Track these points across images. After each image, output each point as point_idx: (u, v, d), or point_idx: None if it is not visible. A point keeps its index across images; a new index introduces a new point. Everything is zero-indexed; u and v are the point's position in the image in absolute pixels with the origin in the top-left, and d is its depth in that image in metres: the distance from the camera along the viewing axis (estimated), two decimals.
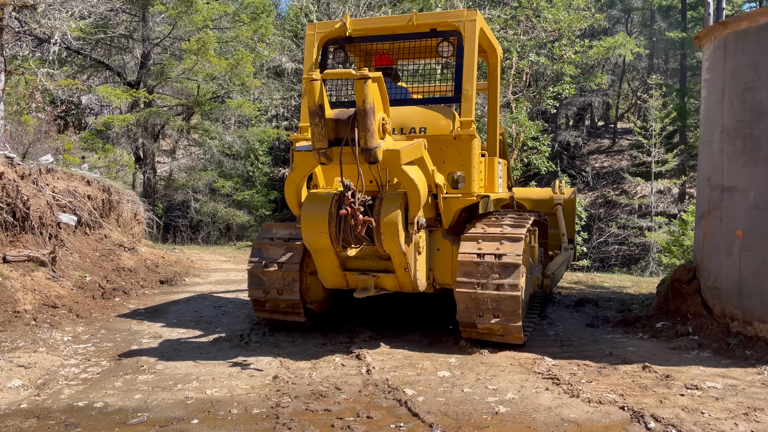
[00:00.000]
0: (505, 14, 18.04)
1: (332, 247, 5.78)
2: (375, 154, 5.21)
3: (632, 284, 12.10)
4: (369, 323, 7.52)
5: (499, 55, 7.74)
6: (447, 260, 6.59)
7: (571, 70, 18.94)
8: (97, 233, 10.52)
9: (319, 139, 5.24)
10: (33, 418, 4.53)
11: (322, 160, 5.33)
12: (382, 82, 5.26)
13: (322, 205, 5.73)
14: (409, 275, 5.97)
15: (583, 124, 38.49)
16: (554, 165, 22.77)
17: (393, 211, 5.57)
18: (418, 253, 6.11)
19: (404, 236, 5.66)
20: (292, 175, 5.84)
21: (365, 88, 5.01)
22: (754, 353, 6.10)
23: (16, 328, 6.94)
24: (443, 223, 6.54)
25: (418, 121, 6.49)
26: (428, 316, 7.99)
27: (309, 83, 5.10)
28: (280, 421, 4.42)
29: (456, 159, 6.43)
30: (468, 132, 6.36)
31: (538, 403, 4.85)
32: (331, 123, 5.24)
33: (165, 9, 18.17)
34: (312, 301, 7.01)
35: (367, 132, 5.11)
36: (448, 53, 6.70)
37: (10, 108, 13.33)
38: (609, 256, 26.19)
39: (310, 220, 5.74)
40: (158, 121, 19.48)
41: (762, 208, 6.36)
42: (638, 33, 38.25)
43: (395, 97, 6.70)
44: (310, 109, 5.16)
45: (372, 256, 6.25)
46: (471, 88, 6.38)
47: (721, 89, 6.94)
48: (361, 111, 5.08)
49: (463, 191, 6.40)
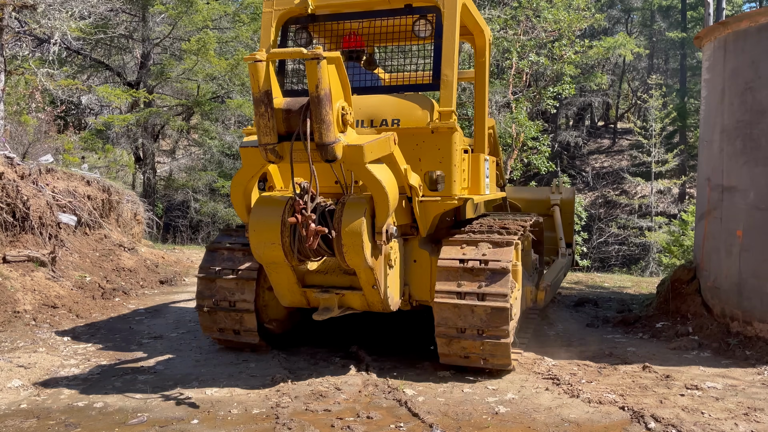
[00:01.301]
0: (505, 14, 18.03)
1: (286, 260, 4.97)
2: (332, 150, 4.40)
3: (632, 284, 12.10)
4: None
5: (487, 37, 6.74)
6: (425, 273, 5.68)
7: (571, 70, 18.92)
8: (97, 233, 10.52)
9: (265, 132, 4.47)
10: (33, 418, 4.53)
11: (271, 157, 4.56)
12: (341, 63, 4.47)
13: (274, 210, 4.90)
14: (379, 293, 5.12)
15: (583, 124, 38.49)
16: (554, 165, 22.75)
17: (356, 218, 4.71)
18: (389, 266, 5.23)
19: (370, 248, 4.82)
20: (238, 175, 5.03)
21: (318, 70, 4.24)
22: (754, 353, 6.10)
23: (16, 328, 6.94)
24: (420, 231, 5.60)
25: (390, 112, 5.56)
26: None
27: (252, 65, 4.35)
28: (280, 421, 4.42)
29: (434, 156, 5.51)
30: (447, 124, 5.44)
31: (538, 403, 4.85)
32: (281, 113, 4.48)
33: (165, 9, 18.18)
34: (271, 320, 6.16)
35: (322, 124, 4.32)
36: (425, 33, 5.82)
37: (10, 108, 13.33)
38: (609, 256, 26.18)
39: (259, 229, 4.91)
40: (158, 121, 19.47)
41: (762, 208, 6.36)
42: (638, 33, 38.24)
43: (364, 85, 5.92)
44: (255, 97, 4.41)
45: (336, 270, 5.43)
46: (451, 73, 5.49)
47: (721, 89, 6.94)
48: (314, 98, 4.28)
49: (442, 193, 5.49)
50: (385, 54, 7.49)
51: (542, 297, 6.52)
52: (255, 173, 5.02)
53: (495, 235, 5.56)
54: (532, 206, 8.94)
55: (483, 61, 6.79)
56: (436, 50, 5.63)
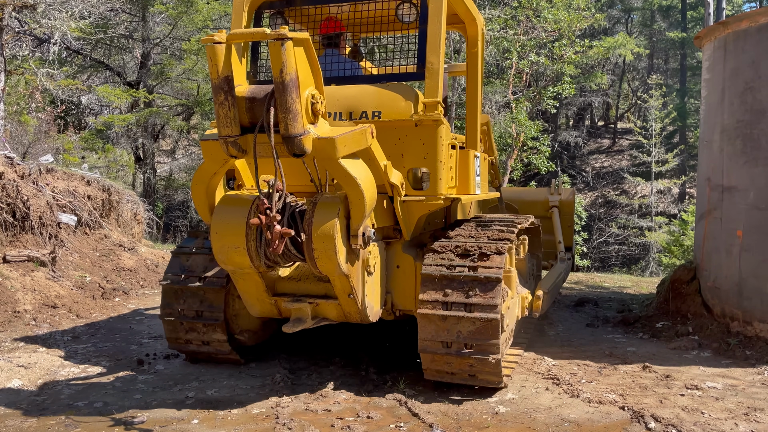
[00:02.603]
0: (505, 14, 18.03)
1: (253, 266, 4.48)
2: (300, 143, 3.90)
3: (632, 284, 12.10)
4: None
5: (479, 26, 6.21)
6: (409, 280, 5.18)
7: (571, 70, 18.93)
8: (97, 233, 10.52)
9: (226, 123, 3.97)
10: (33, 418, 4.53)
11: (232, 151, 4.06)
12: (311, 46, 3.99)
13: (239, 211, 4.41)
14: (356, 302, 4.64)
15: (583, 124, 38.51)
16: (554, 165, 22.77)
17: (328, 219, 4.23)
18: (367, 273, 4.74)
19: (345, 252, 4.33)
20: (199, 172, 4.57)
21: (283, 52, 3.76)
22: (754, 353, 6.10)
23: (16, 328, 6.94)
24: (403, 234, 5.12)
25: (371, 104, 5.09)
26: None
27: (210, 48, 3.85)
28: (280, 421, 4.42)
29: (418, 151, 5.02)
30: (432, 116, 4.96)
31: (538, 403, 4.85)
32: (244, 102, 3.99)
33: (165, 9, 18.18)
34: (243, 331, 5.70)
35: (287, 113, 3.83)
36: (410, 17, 5.42)
37: (10, 108, 13.34)
38: (609, 256, 26.21)
39: (222, 232, 4.43)
40: (158, 121, 19.48)
41: (762, 208, 6.36)
42: (638, 33, 38.25)
43: (343, 74, 5.48)
44: (214, 84, 3.92)
45: (310, 277, 4.95)
46: (437, 60, 5.04)
47: (721, 89, 6.94)
48: (278, 84, 3.81)
49: (426, 193, 5.02)
50: (367, 41, 6.97)
51: (539, 305, 5.98)
52: (218, 169, 4.55)
53: (486, 239, 5.12)
54: (530, 208, 8.51)
55: (475, 52, 6.24)
56: (421, 36, 5.16)
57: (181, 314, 5.48)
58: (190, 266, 5.55)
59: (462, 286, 4.81)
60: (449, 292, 4.81)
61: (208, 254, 5.51)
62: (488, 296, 4.72)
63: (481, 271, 4.82)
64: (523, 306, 5.90)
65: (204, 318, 5.40)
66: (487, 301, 4.70)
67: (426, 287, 4.88)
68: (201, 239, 5.74)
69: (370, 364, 5.81)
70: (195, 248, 5.65)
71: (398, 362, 5.97)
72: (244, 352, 5.80)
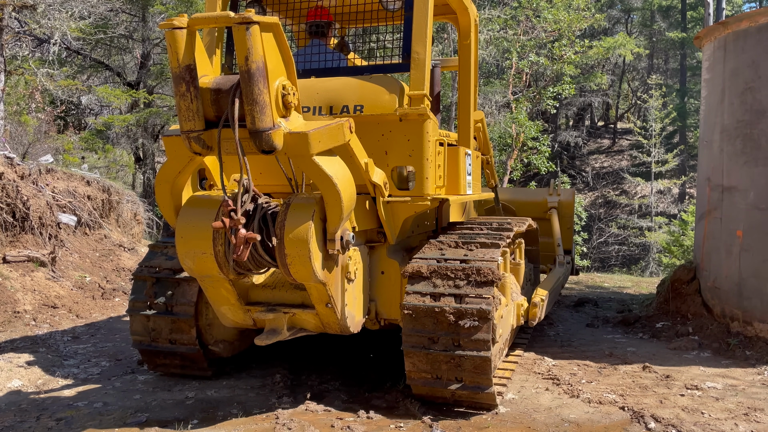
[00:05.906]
0: (505, 14, 18.05)
1: (222, 273, 4.07)
2: (268, 138, 3.54)
3: (632, 284, 12.11)
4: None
5: (472, 17, 5.81)
6: (395, 287, 4.82)
7: (571, 70, 18.95)
8: (96, 233, 10.52)
9: (188, 117, 3.60)
10: (33, 418, 4.53)
11: (195, 148, 3.70)
12: (281, 32, 3.62)
13: (206, 213, 4.02)
14: (335, 311, 4.27)
15: (583, 124, 38.53)
16: (554, 165, 22.78)
17: (302, 222, 3.85)
18: (347, 280, 4.38)
19: (321, 258, 3.95)
20: (162, 171, 4.17)
21: (248, 38, 3.39)
22: (754, 353, 6.11)
23: (16, 328, 6.94)
24: (388, 238, 4.77)
25: (353, 97, 4.73)
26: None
27: (170, 34, 3.48)
28: (280, 421, 4.41)
29: (403, 148, 4.67)
30: (418, 110, 4.60)
31: (538, 404, 4.85)
32: (208, 94, 3.63)
33: (165, 9, 18.19)
34: (218, 341, 5.28)
35: (254, 105, 3.48)
36: (395, 5, 5.13)
37: (10, 108, 13.35)
38: (609, 257, 26.22)
39: (187, 236, 4.04)
40: (158, 121, 19.49)
41: (762, 208, 6.37)
42: (638, 33, 38.26)
43: (324, 65, 5.13)
44: (174, 73, 3.55)
45: (286, 285, 4.58)
46: (423, 50, 4.69)
47: (721, 89, 6.94)
48: (244, 73, 3.45)
49: (412, 193, 4.68)
50: (350, 32, 6.64)
51: (535, 313, 5.67)
52: (183, 168, 4.14)
53: (477, 244, 4.80)
54: (528, 209, 8.19)
55: (468, 44, 5.82)
56: (407, 24, 4.80)
57: (149, 308, 5.12)
58: (165, 261, 5.22)
59: (450, 284, 4.51)
60: (438, 289, 4.48)
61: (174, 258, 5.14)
62: (479, 335, 4.32)
63: (473, 277, 4.47)
64: (518, 314, 5.57)
65: (173, 313, 5.04)
66: (478, 306, 4.33)
67: (411, 283, 4.56)
68: (166, 254, 5.31)
69: (370, 365, 5.81)
70: (172, 244, 5.23)
71: (398, 362, 5.97)
72: (219, 364, 5.44)
